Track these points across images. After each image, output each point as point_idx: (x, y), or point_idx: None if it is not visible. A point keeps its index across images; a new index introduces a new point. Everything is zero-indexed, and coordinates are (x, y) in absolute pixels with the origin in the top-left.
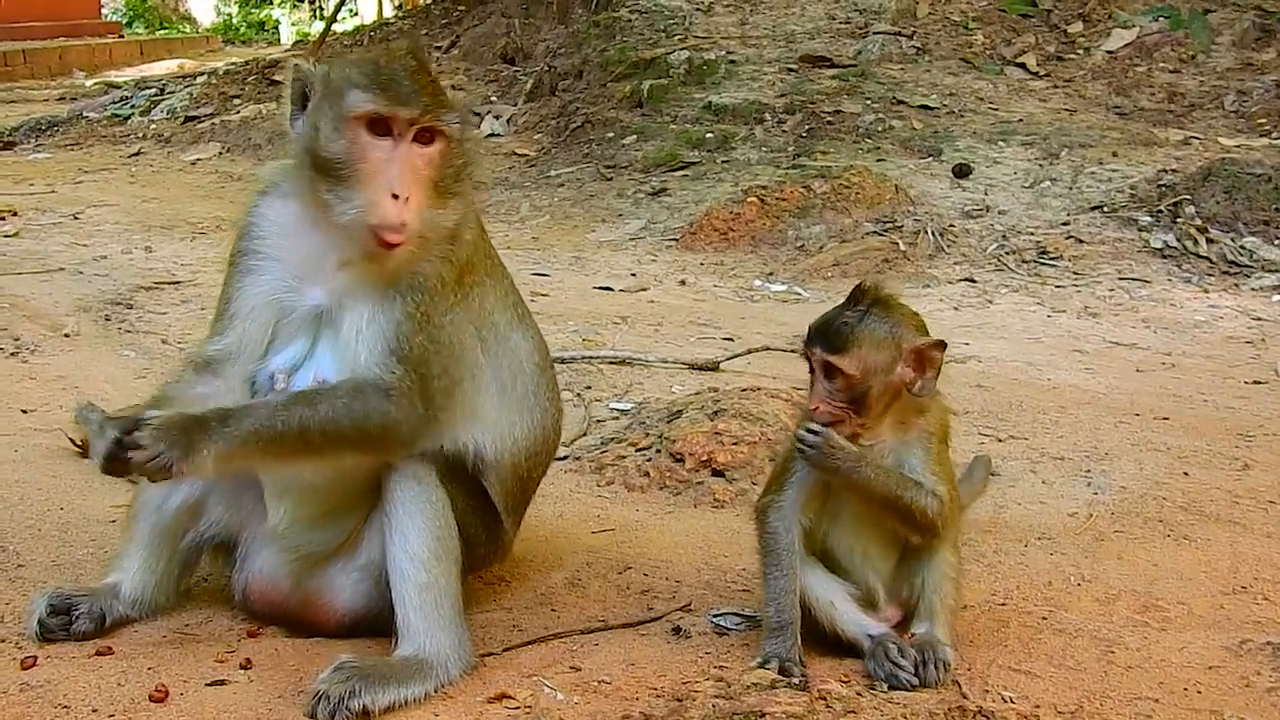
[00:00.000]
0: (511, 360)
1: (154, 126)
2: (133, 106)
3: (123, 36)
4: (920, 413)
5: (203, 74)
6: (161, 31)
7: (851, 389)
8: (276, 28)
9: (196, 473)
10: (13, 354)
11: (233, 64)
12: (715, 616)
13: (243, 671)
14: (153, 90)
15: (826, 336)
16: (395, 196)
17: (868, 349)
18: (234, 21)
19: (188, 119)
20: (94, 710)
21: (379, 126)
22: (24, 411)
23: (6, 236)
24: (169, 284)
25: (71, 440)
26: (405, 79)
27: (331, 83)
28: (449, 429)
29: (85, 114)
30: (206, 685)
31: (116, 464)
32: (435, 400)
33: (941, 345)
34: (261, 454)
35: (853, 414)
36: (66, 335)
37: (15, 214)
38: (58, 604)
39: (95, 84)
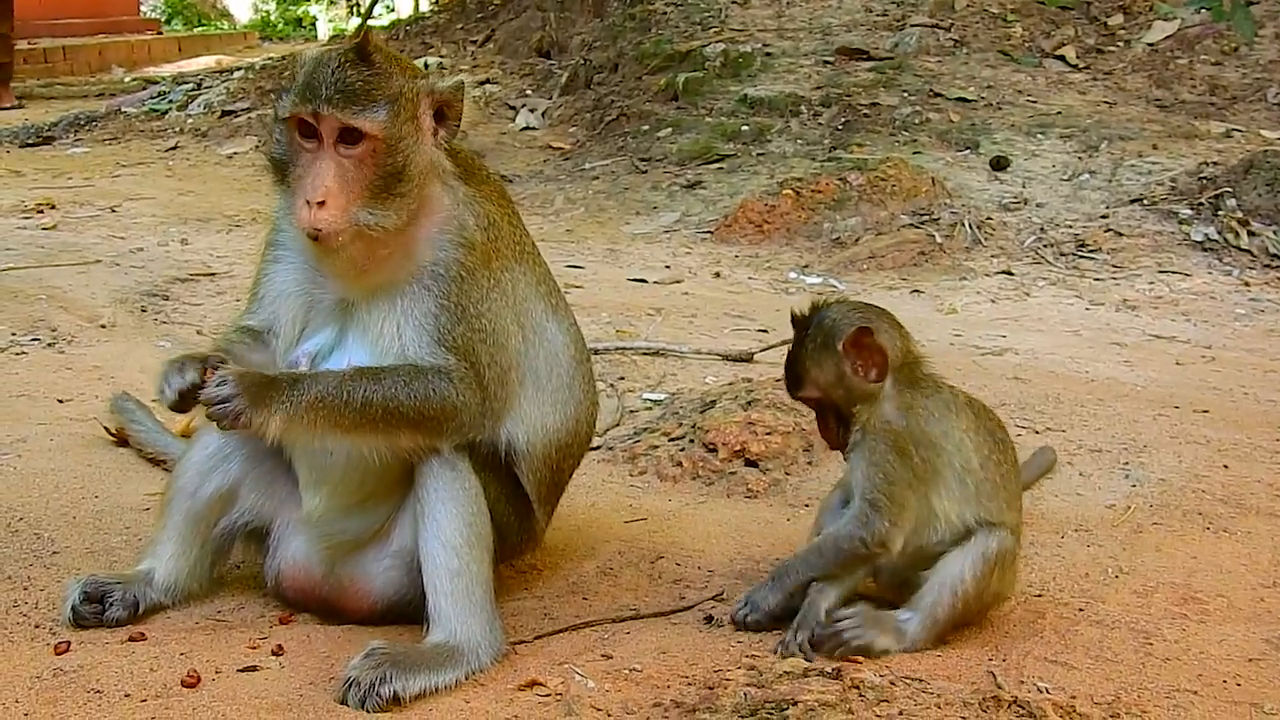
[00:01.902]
0: (547, 351)
1: (191, 121)
2: (170, 102)
3: (161, 33)
4: (868, 404)
5: (239, 69)
6: (199, 28)
7: (824, 409)
8: (314, 24)
9: (261, 429)
10: (50, 344)
11: (269, 59)
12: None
13: (275, 658)
14: (190, 85)
15: (787, 379)
16: (309, 202)
17: (814, 371)
18: (271, 18)
19: (224, 114)
20: (126, 695)
21: (305, 128)
22: (60, 401)
23: (45, 229)
24: (204, 276)
25: (107, 429)
26: (331, 79)
27: (282, 81)
28: (504, 420)
29: (123, 109)
30: (238, 671)
31: (187, 400)
32: (490, 389)
33: (865, 331)
34: (324, 422)
35: (844, 427)
36: (103, 326)
37: (53, 207)
38: (91, 591)
39: (134, 80)
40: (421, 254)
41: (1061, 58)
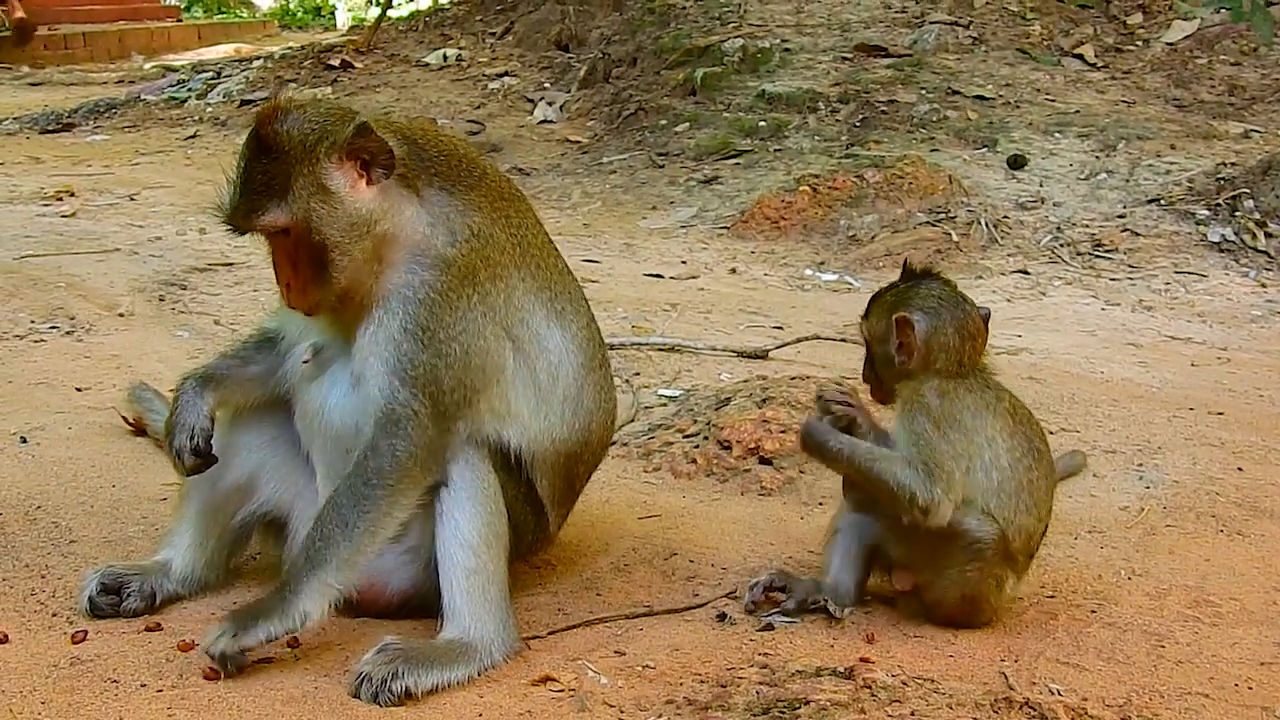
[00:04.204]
0: (547, 362)
1: (210, 110)
2: (189, 90)
3: (181, 20)
4: (909, 381)
5: (259, 58)
6: (219, 16)
7: (870, 355)
8: (333, 13)
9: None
10: (68, 333)
11: (289, 48)
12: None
13: (289, 650)
14: (209, 74)
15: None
16: (280, 290)
17: (875, 316)
18: (291, 7)
19: (244, 102)
20: (143, 685)
21: None
22: (78, 390)
23: (64, 217)
24: (222, 265)
25: (124, 418)
26: (237, 188)
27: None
28: (475, 429)
29: (143, 97)
30: (253, 663)
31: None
32: (449, 414)
33: (905, 320)
34: (344, 577)
35: (878, 383)
36: (121, 315)
37: (73, 194)
38: (109, 582)
39: (153, 67)
40: (390, 277)
41: (1080, 56)
